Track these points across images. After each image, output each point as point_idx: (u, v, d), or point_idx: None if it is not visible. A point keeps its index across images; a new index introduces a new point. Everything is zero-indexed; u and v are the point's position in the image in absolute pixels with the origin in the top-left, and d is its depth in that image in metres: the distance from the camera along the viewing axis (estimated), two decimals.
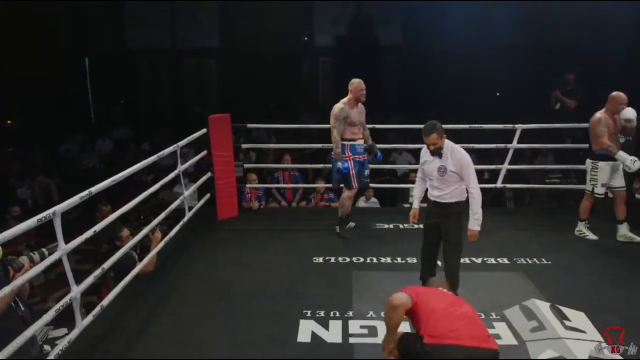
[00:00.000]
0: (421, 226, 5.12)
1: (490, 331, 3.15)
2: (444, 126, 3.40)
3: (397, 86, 14.24)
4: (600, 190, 4.61)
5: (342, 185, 4.76)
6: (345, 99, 4.62)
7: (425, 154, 3.51)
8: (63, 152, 9.99)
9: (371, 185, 6.29)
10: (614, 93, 4.50)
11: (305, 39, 14.00)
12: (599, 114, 4.55)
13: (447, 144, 3.40)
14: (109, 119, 12.87)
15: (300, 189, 6.58)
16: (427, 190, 3.61)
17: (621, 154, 4.38)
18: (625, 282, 3.86)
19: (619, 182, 4.62)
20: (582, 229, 4.77)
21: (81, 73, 13.64)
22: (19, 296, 2.41)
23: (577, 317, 3.33)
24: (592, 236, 4.72)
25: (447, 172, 3.36)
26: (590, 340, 3.08)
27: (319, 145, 5.82)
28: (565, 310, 3.39)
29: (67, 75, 13.19)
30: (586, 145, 5.65)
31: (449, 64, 12.32)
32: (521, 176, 6.14)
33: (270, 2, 12.18)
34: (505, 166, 5.40)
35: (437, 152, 3.38)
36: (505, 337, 3.13)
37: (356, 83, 4.63)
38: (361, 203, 6.36)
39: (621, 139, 4.63)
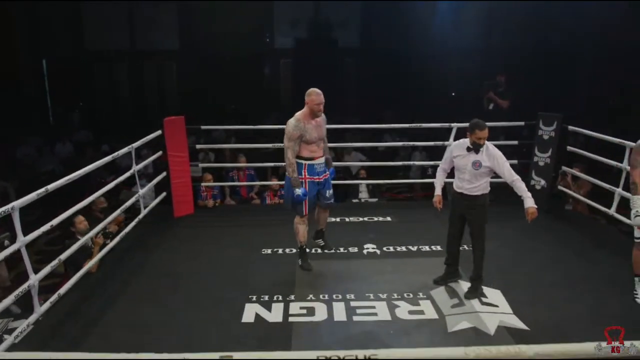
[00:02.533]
0: (366, 219, 5.58)
1: (416, 308, 3.60)
2: (394, 125, 3.70)
3: (355, 87, 14.61)
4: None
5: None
6: (299, 113, 4.05)
7: (457, 148, 3.70)
8: (20, 156, 9.98)
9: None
10: None
11: (267, 39, 14.23)
12: None
13: (486, 143, 3.63)
14: (68, 122, 12.80)
15: (255, 187, 6.89)
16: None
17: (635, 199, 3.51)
18: (537, 263, 4.36)
19: None
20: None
21: (38, 75, 13.50)
22: None
23: (493, 294, 3.77)
24: None
25: (482, 167, 3.61)
26: (501, 313, 3.52)
27: (271, 145, 6.14)
28: (484, 288, 3.82)
29: (23, 77, 13.05)
30: (515, 142, 6.23)
31: (406, 65, 12.76)
32: None
33: (230, 4, 12.35)
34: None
35: (477, 148, 3.61)
36: (428, 313, 3.53)
37: (313, 95, 4.00)
38: None
39: None
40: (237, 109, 13.20)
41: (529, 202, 3.56)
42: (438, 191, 3.92)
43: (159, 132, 5.43)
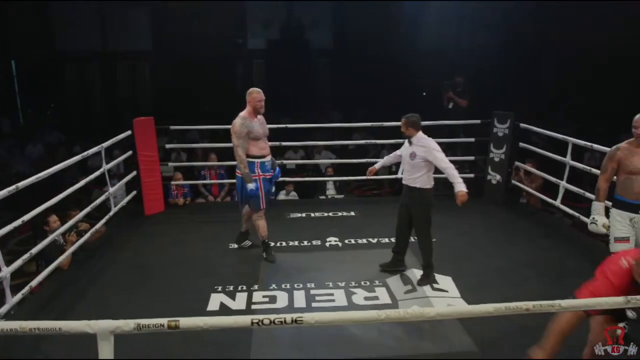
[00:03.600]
0: (331, 214, 5.83)
1: (371, 294, 3.84)
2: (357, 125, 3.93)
3: (327, 87, 14.83)
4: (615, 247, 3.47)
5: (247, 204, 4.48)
6: (244, 112, 4.23)
7: (406, 142, 4.04)
8: None
9: (292, 179, 6.93)
10: None
11: (240, 40, 14.34)
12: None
13: (420, 135, 3.93)
14: (39, 123, 12.74)
15: (226, 186, 7.08)
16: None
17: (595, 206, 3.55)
18: (488, 251, 4.66)
19: None
20: None
21: (8, 76, 13.38)
22: None
23: (444, 280, 4.04)
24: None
25: (416, 158, 3.88)
26: (450, 297, 3.80)
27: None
28: (437, 275, 4.09)
29: None
30: (472, 140, 6.55)
31: (378, 65, 13.02)
32: None
33: (203, 5, 12.42)
34: None
35: (408, 140, 3.95)
36: (383, 298, 3.78)
37: (255, 93, 4.26)
38: (281, 196, 6.94)
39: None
40: (210, 110, 13.28)
41: (459, 187, 3.81)
42: (377, 165, 4.31)
43: (128, 133, 5.57)
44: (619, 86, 11.21)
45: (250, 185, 4.18)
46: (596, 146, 4.58)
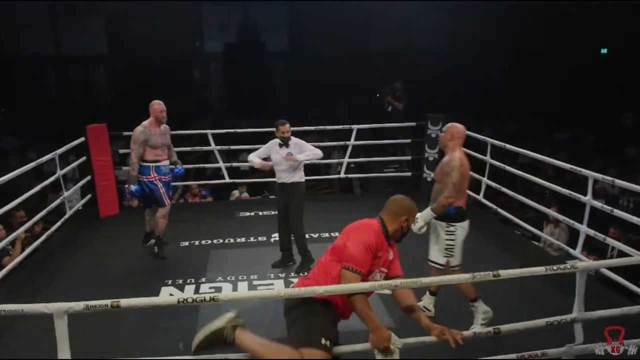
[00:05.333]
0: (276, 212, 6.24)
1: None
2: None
3: (283, 90, 15.14)
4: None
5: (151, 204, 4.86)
6: (146, 122, 4.67)
7: (274, 146, 4.45)
8: None
9: (244, 180, 7.29)
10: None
11: (197, 43, 14.47)
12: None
13: (292, 138, 4.42)
14: None
15: (179, 188, 7.39)
16: None
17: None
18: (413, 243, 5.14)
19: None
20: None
21: None
22: None
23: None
24: None
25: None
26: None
27: (197, 148, 6.68)
28: None
29: None
30: (408, 140, 7.09)
31: (332, 67, 13.37)
32: (367, 168, 7.46)
33: (159, 7, 12.46)
34: (346, 160, 6.66)
35: (285, 143, 4.38)
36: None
37: (156, 104, 4.67)
38: (234, 196, 7.31)
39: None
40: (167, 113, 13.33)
41: (301, 158, 4.38)
42: (259, 161, 4.59)
43: (82, 139, 5.84)
44: (554, 87, 12.09)
45: (132, 188, 4.63)
46: (509, 146, 5.16)
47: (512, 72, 12.89)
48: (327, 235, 5.38)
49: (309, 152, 4.44)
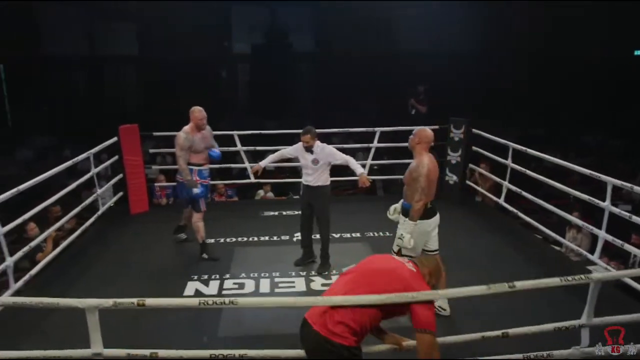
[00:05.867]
0: (299, 212, 6.38)
1: (328, 282, 4.39)
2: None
3: (309, 91, 15.25)
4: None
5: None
6: (187, 127, 4.76)
7: (301, 150, 4.61)
8: None
9: (268, 180, 7.46)
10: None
11: (225, 44, 14.70)
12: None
13: (319, 143, 4.57)
14: (29, 127, 13.04)
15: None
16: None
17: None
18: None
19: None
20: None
21: None
22: None
23: None
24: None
25: (319, 163, 4.53)
26: None
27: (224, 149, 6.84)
28: None
29: None
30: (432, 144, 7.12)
31: (359, 68, 13.41)
32: (389, 169, 7.55)
33: (189, 9, 12.69)
34: (368, 162, 6.75)
35: (309, 149, 4.54)
36: None
37: (196, 112, 4.77)
38: (259, 196, 7.48)
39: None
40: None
41: (360, 170, 4.52)
42: (262, 163, 4.90)
43: (115, 139, 6.08)
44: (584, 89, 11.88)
45: (196, 190, 4.77)
46: (530, 151, 5.18)
47: (540, 73, 12.71)
48: (348, 235, 5.51)
49: (341, 157, 4.57)
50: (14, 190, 3.80)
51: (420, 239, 3.70)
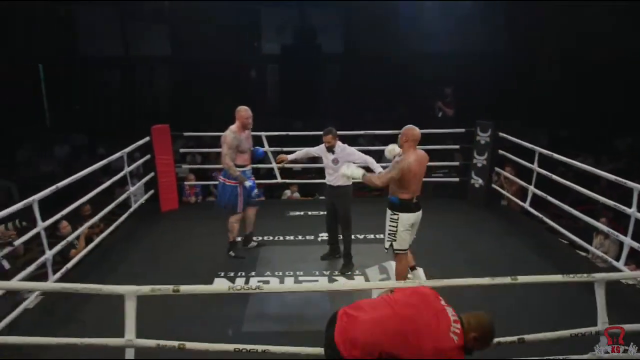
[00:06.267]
0: (324, 212, 6.48)
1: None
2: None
3: (337, 92, 15.30)
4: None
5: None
6: (234, 127, 4.77)
7: (322, 150, 4.77)
8: (21, 158, 10.75)
9: (295, 181, 7.58)
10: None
11: (255, 44, 14.88)
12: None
13: (340, 144, 4.70)
14: (65, 125, 13.47)
15: None
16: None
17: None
18: (459, 245, 5.28)
19: None
20: None
21: (35, 80, 14.06)
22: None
23: (416, 271, 4.66)
24: None
25: (339, 163, 4.61)
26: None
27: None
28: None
29: (18, 83, 13.56)
30: (457, 146, 7.14)
31: (387, 70, 13.41)
32: None
33: (219, 10, 12.89)
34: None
35: (331, 150, 4.67)
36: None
37: (243, 111, 4.78)
38: (286, 196, 7.62)
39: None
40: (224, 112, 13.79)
41: (379, 170, 4.56)
42: (291, 156, 5.06)
43: (147, 139, 6.30)
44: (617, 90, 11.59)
45: (248, 183, 4.83)
46: (556, 156, 5.17)
47: (572, 73, 12.44)
48: (372, 236, 5.58)
49: (361, 157, 4.69)
50: (52, 188, 4.01)
51: (409, 232, 3.99)
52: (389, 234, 4.01)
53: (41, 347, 3.04)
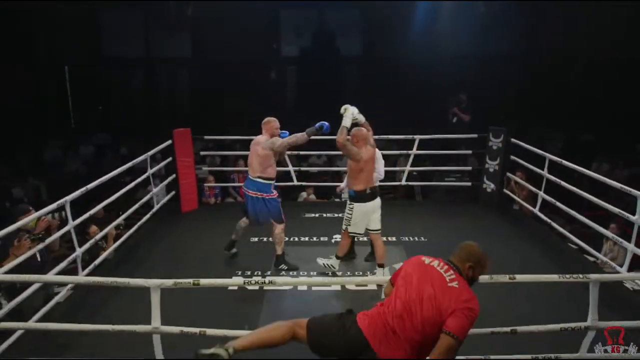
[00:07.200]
0: (341, 215, 6.65)
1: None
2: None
3: (356, 95, 15.37)
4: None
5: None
6: (263, 137, 4.87)
7: None
8: (49, 157, 11.14)
9: (311, 183, 7.78)
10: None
11: (274, 46, 15.07)
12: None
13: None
14: (89, 125, 13.85)
15: None
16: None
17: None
18: None
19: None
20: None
21: (59, 81, 14.46)
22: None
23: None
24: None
25: None
26: None
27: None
28: None
29: (43, 84, 13.87)
30: (469, 151, 7.27)
31: (405, 73, 13.48)
32: (428, 175, 7.74)
33: (238, 11, 13.10)
34: (407, 168, 6.97)
35: None
36: (370, 286, 4.60)
37: (272, 122, 4.85)
38: (302, 198, 7.83)
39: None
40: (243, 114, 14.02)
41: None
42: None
43: (169, 142, 6.57)
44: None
45: (322, 123, 4.74)
46: (566, 163, 5.27)
47: (593, 76, 12.32)
48: (384, 239, 5.65)
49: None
50: (82, 190, 4.27)
51: (363, 219, 4.62)
52: (345, 219, 4.69)
53: (76, 334, 3.40)
